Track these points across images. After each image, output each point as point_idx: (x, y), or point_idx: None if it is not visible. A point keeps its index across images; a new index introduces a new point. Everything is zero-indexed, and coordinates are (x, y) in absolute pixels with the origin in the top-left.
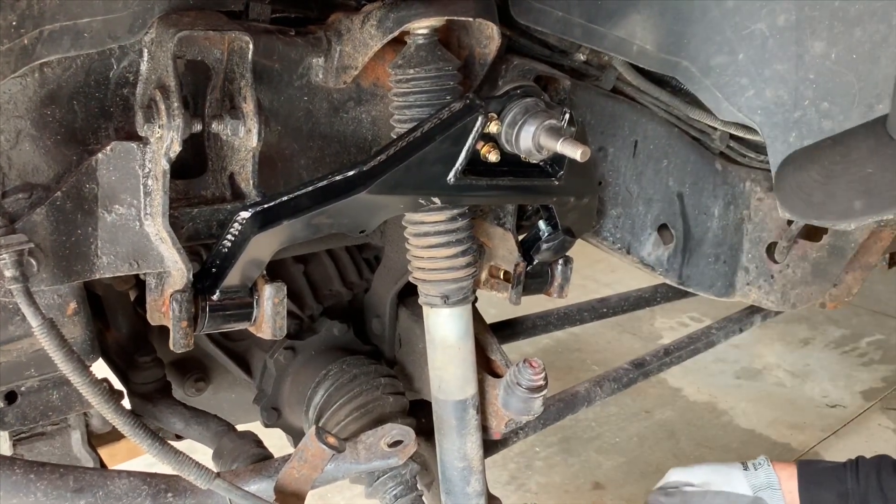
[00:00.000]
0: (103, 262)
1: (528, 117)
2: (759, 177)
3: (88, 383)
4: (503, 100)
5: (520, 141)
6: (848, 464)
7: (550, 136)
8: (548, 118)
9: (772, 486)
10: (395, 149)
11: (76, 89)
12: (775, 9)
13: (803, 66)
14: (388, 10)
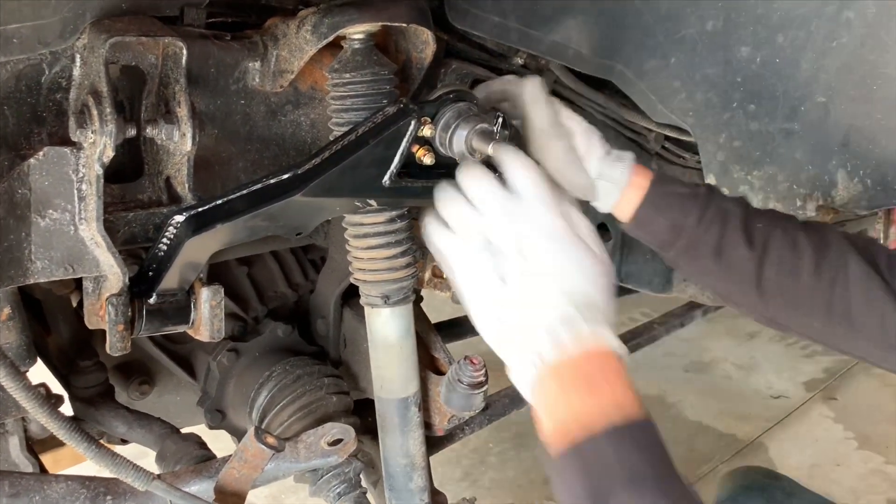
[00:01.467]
0: (37, 267)
1: (460, 121)
2: (694, 176)
3: (22, 388)
4: (436, 104)
5: (453, 144)
6: (702, 197)
7: (482, 139)
8: (480, 122)
9: (615, 182)
10: (330, 152)
11: (6, 95)
12: (704, 15)
13: (731, 69)
14: (322, 16)
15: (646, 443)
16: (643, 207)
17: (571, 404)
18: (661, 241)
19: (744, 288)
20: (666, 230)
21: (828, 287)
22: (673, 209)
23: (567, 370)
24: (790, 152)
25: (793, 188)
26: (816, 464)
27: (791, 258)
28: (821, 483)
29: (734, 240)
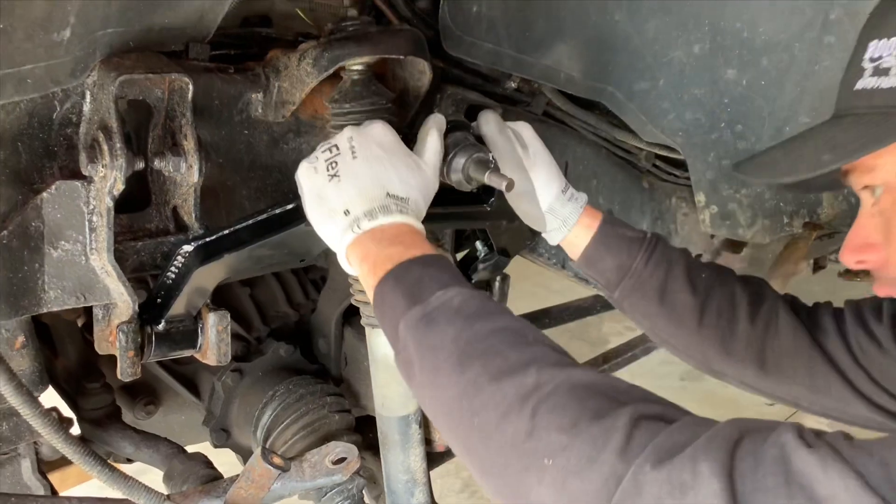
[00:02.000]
0: (50, 297)
1: (457, 150)
2: (684, 193)
3: (38, 415)
4: None
5: (451, 173)
6: (648, 241)
7: (478, 168)
8: (476, 151)
9: (564, 221)
10: None
11: (20, 131)
12: (691, 38)
13: (718, 91)
14: (323, 50)
15: (446, 266)
16: (592, 247)
17: (383, 249)
18: (608, 281)
19: (684, 332)
20: (613, 270)
21: (761, 336)
22: (621, 251)
23: (378, 232)
24: None
25: (780, 206)
26: None
27: (729, 308)
28: None
29: (678, 285)
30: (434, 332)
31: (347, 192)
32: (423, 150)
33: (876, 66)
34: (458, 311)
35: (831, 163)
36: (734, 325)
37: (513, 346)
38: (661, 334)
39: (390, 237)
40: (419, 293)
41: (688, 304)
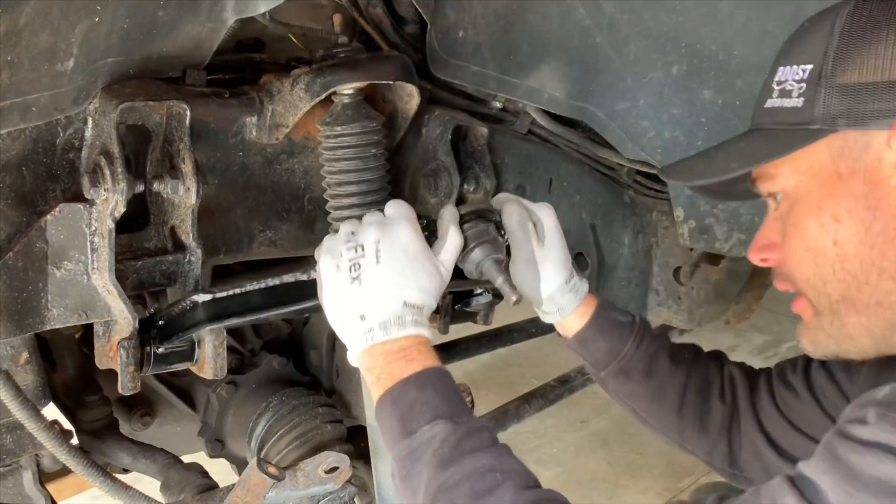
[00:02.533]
0: (53, 315)
1: (477, 245)
2: (665, 207)
3: (43, 428)
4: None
5: (465, 262)
6: (638, 327)
7: (493, 270)
8: (494, 251)
9: (561, 310)
10: None
11: (25, 157)
12: (669, 60)
13: (695, 110)
14: (315, 76)
15: (442, 386)
16: (585, 331)
17: (388, 363)
18: (597, 361)
19: (665, 412)
20: (604, 352)
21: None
22: (613, 335)
23: (388, 343)
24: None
25: (754, 220)
26: None
27: (705, 386)
28: None
29: (663, 368)
30: (414, 473)
31: (367, 298)
32: (443, 250)
33: (781, 88)
34: (436, 453)
35: (737, 169)
36: (707, 405)
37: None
38: (642, 414)
39: (397, 350)
40: (409, 423)
41: (671, 384)
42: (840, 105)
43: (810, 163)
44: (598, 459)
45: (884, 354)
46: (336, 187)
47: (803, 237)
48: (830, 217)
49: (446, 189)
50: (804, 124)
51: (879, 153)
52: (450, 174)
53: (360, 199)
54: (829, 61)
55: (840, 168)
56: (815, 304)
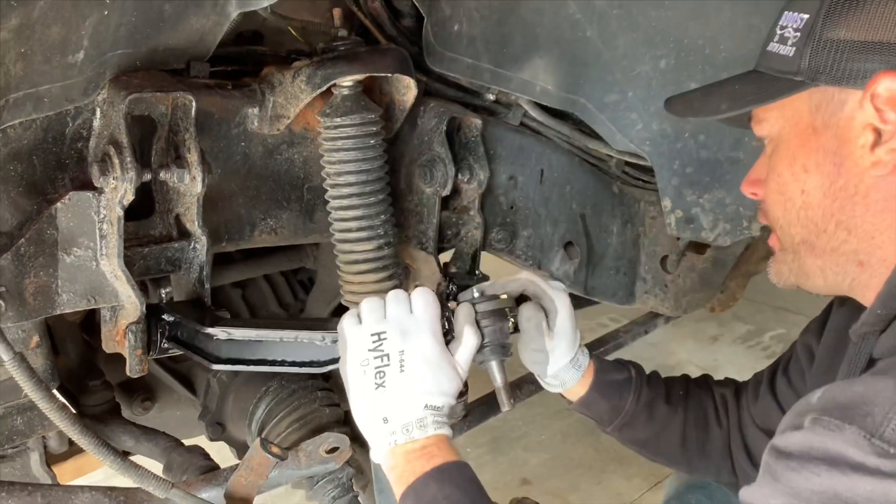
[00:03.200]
0: (63, 300)
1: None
2: (652, 197)
3: (56, 409)
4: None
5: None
6: (635, 382)
7: (497, 373)
8: (503, 354)
9: (564, 383)
10: None
11: (35, 146)
12: (657, 54)
13: None
14: (316, 68)
15: (462, 480)
16: (587, 395)
17: (410, 462)
18: (602, 419)
19: (671, 449)
20: (607, 411)
21: (727, 434)
22: (613, 395)
23: (410, 445)
24: (736, 178)
25: (739, 210)
26: None
27: (702, 416)
28: None
29: (662, 413)
30: None
31: (390, 403)
32: (459, 351)
33: (781, 34)
34: None
35: (727, 111)
36: (707, 433)
37: None
38: (649, 455)
39: (419, 449)
40: None
41: (671, 425)
42: (824, 60)
43: (792, 112)
44: (584, 446)
45: (834, 293)
46: (335, 177)
47: (778, 181)
48: (801, 167)
49: (441, 179)
50: (791, 74)
51: (852, 112)
52: (445, 164)
53: (359, 188)
54: (822, 15)
55: (816, 122)
56: (782, 240)
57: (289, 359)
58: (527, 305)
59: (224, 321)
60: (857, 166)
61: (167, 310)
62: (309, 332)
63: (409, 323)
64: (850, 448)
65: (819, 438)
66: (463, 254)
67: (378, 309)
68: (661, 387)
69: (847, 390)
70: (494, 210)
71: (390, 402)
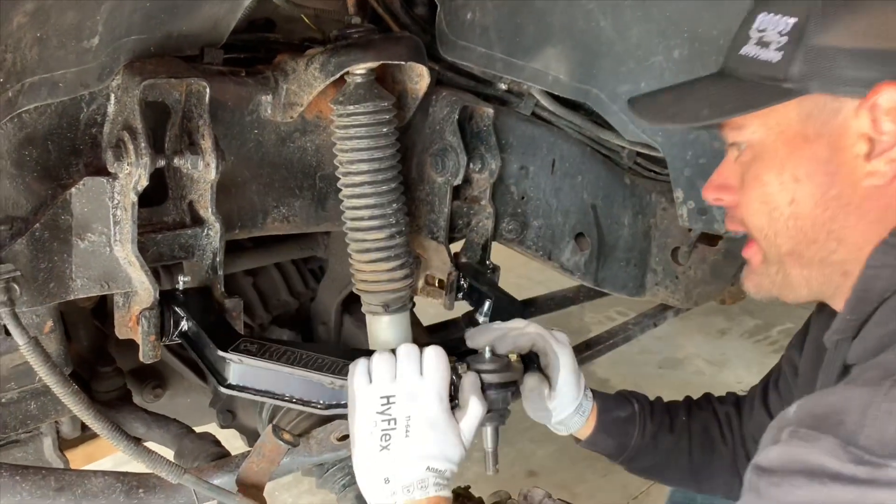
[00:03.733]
0: (77, 285)
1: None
2: (664, 189)
3: (71, 393)
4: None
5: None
6: (639, 418)
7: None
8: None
9: (570, 428)
10: None
11: (50, 131)
12: (671, 44)
13: None
14: (329, 55)
15: None
16: (594, 435)
17: None
18: (610, 454)
19: (680, 474)
20: (613, 448)
21: (732, 451)
22: (619, 433)
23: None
24: None
25: None
26: None
27: (707, 438)
28: None
29: (667, 443)
30: None
31: (393, 464)
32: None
33: (760, 37)
34: None
35: (708, 118)
36: (713, 450)
37: None
38: (659, 481)
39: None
40: None
41: (677, 453)
42: (816, 67)
43: (778, 120)
44: None
45: (814, 301)
46: (348, 165)
47: (763, 191)
48: (791, 177)
49: (453, 168)
50: (778, 81)
51: (847, 121)
52: (456, 154)
53: (372, 176)
54: (813, 20)
55: (807, 130)
56: (766, 251)
57: (296, 395)
58: (530, 377)
59: (241, 345)
60: (852, 176)
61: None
62: (318, 374)
63: (418, 386)
64: (827, 458)
65: (797, 451)
66: (474, 244)
67: (389, 368)
68: (665, 416)
69: (821, 401)
70: (505, 200)
71: (393, 464)
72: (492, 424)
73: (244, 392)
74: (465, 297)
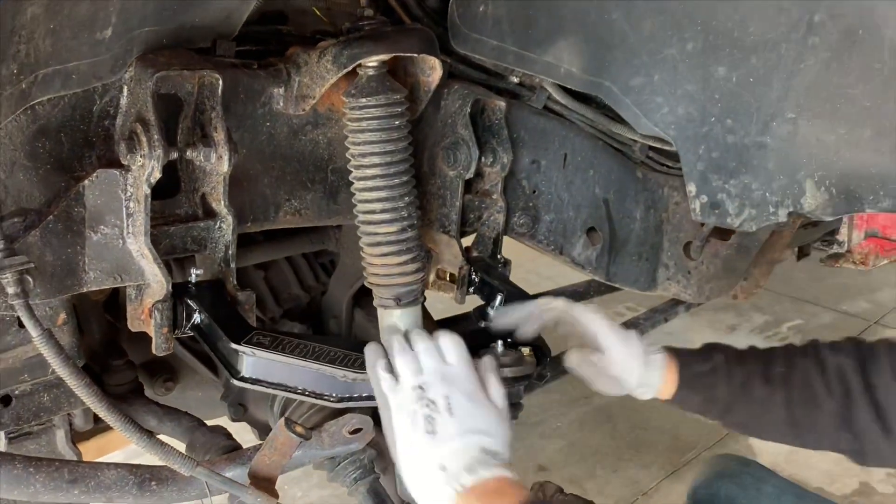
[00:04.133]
0: (90, 277)
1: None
2: (676, 183)
3: (83, 385)
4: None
5: None
6: (723, 369)
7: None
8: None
9: (652, 386)
10: None
11: (63, 123)
12: (684, 36)
13: (709, 87)
14: (342, 48)
15: None
16: (679, 392)
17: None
18: (700, 411)
19: (779, 428)
20: (701, 404)
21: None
22: (702, 388)
23: (480, 487)
24: (763, 163)
25: (766, 196)
26: (794, 449)
27: (809, 393)
28: (797, 467)
29: (761, 394)
30: None
31: (444, 446)
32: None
33: None
34: None
35: None
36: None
37: None
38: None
39: (491, 492)
40: None
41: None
42: None
43: None
44: (602, 434)
45: None
46: (360, 158)
47: None
48: None
49: (465, 162)
50: None
51: None
52: (468, 147)
53: (384, 169)
54: None
55: None
56: None
57: (308, 388)
58: (571, 354)
59: (253, 338)
60: None
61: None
62: (331, 367)
63: (446, 369)
64: None
65: None
66: (485, 238)
67: (412, 361)
68: (758, 364)
69: None
70: (517, 194)
71: (445, 446)
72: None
73: (257, 385)
74: (477, 292)
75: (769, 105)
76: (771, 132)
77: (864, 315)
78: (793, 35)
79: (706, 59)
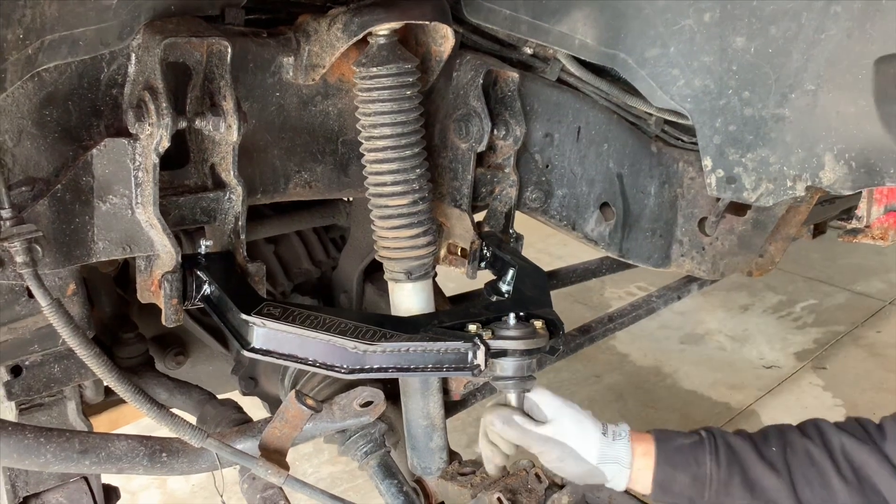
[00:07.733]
0: (99, 247)
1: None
2: (691, 157)
3: (93, 355)
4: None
5: None
6: (708, 442)
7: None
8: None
9: (620, 462)
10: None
11: (71, 91)
12: (701, 7)
13: (727, 58)
14: (352, 15)
15: None
16: (659, 471)
17: None
18: (690, 497)
19: None
20: (690, 485)
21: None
22: (688, 463)
23: None
24: (781, 136)
25: (783, 170)
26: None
27: (815, 473)
28: None
29: (759, 472)
30: None
31: None
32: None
33: None
34: None
35: None
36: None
37: None
38: None
39: None
40: None
41: (777, 486)
42: None
43: None
44: (612, 412)
45: None
46: (370, 129)
47: None
48: None
49: (477, 134)
50: None
51: None
52: (480, 119)
53: (395, 140)
54: None
55: None
56: None
57: (319, 359)
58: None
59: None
60: None
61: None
62: (342, 338)
63: None
64: None
65: None
66: (497, 212)
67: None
68: (747, 442)
69: None
70: (529, 168)
71: None
72: (517, 390)
73: (268, 356)
74: (488, 266)
75: (788, 76)
76: (789, 104)
77: (879, 295)
78: (814, 4)
79: (724, 30)
